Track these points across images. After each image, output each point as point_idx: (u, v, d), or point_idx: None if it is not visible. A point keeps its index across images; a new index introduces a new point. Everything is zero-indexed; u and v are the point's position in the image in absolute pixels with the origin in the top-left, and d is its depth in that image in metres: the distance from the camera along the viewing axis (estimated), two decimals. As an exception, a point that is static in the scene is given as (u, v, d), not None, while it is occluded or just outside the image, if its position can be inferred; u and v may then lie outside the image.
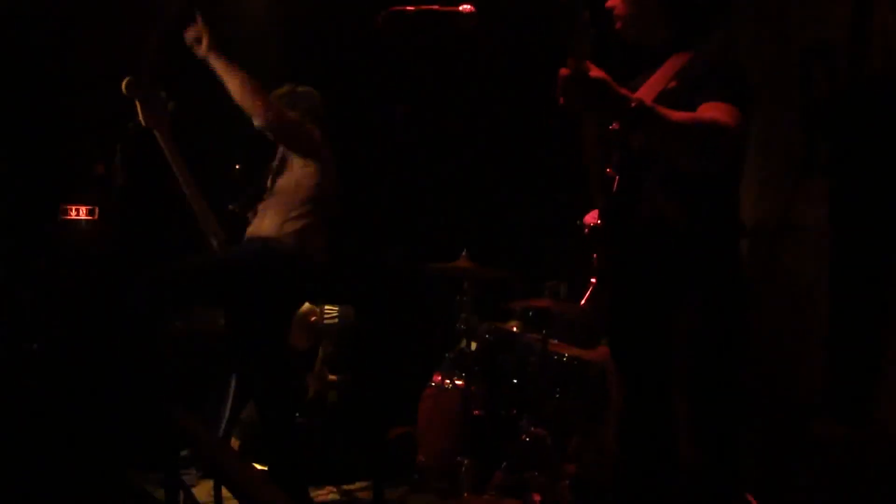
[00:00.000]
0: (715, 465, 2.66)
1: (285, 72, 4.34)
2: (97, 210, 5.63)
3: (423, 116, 5.86)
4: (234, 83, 3.81)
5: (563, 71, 2.42)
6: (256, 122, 3.85)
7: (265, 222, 4.04)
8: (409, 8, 3.85)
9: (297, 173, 4.07)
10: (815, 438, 3.95)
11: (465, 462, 4.55)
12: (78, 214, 5.60)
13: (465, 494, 4.49)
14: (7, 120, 5.86)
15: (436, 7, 3.87)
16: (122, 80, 3.87)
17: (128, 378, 3.94)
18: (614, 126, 2.67)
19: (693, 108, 2.59)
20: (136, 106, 3.91)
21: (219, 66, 3.80)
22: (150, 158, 3.98)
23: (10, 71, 5.90)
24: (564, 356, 4.80)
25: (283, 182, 4.10)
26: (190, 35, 3.81)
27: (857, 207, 4.00)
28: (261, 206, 4.14)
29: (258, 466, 4.49)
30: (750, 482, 4.10)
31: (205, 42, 3.78)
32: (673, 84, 2.72)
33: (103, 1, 5.58)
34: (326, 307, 5.42)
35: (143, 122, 3.91)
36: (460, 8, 3.90)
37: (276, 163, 4.17)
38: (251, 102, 3.81)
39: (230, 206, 4.19)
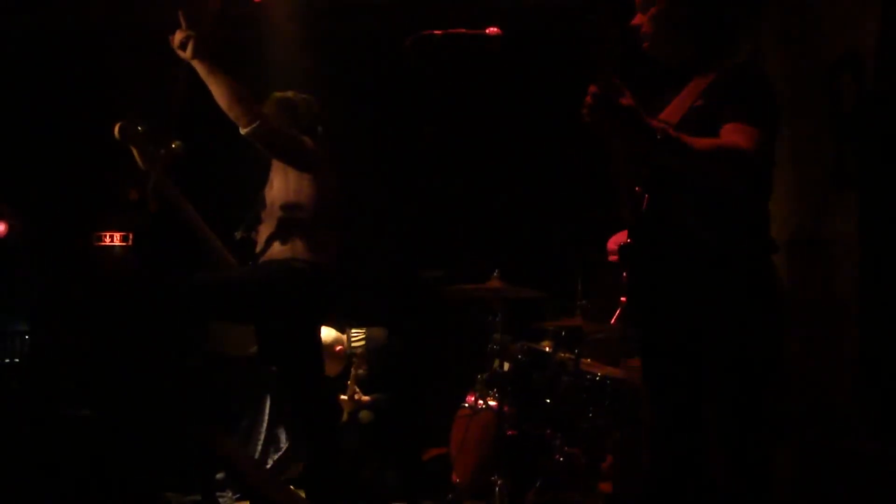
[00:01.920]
0: (746, 484, 2.64)
1: (314, 92, 4.31)
2: (131, 236, 5.70)
3: (453, 138, 5.89)
4: (218, 89, 3.71)
5: (593, 88, 2.44)
6: (242, 130, 3.77)
7: (275, 246, 3.97)
8: (436, 32, 3.89)
9: (293, 186, 3.99)
10: (848, 454, 3.92)
11: (499, 482, 4.54)
12: (112, 241, 5.68)
13: (500, 514, 4.49)
14: (41, 148, 5.95)
15: (463, 30, 3.91)
16: (114, 126, 3.86)
17: (164, 402, 3.98)
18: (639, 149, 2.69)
19: (717, 128, 2.61)
20: (133, 148, 3.90)
21: (203, 71, 3.70)
22: (184, 184, 4.01)
23: (45, 101, 6.00)
24: (597, 375, 4.78)
25: (281, 197, 4.02)
26: (176, 38, 3.69)
27: (888, 219, 3.97)
28: (262, 227, 4.08)
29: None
30: (782, 498, 4.07)
31: (190, 46, 3.66)
32: (699, 103, 2.73)
33: (138, 29, 5.66)
34: (353, 331, 5.44)
35: (140, 165, 3.91)
36: (487, 31, 3.94)
37: (270, 176, 4.10)
38: (236, 110, 3.73)
39: (235, 234, 4.17)
